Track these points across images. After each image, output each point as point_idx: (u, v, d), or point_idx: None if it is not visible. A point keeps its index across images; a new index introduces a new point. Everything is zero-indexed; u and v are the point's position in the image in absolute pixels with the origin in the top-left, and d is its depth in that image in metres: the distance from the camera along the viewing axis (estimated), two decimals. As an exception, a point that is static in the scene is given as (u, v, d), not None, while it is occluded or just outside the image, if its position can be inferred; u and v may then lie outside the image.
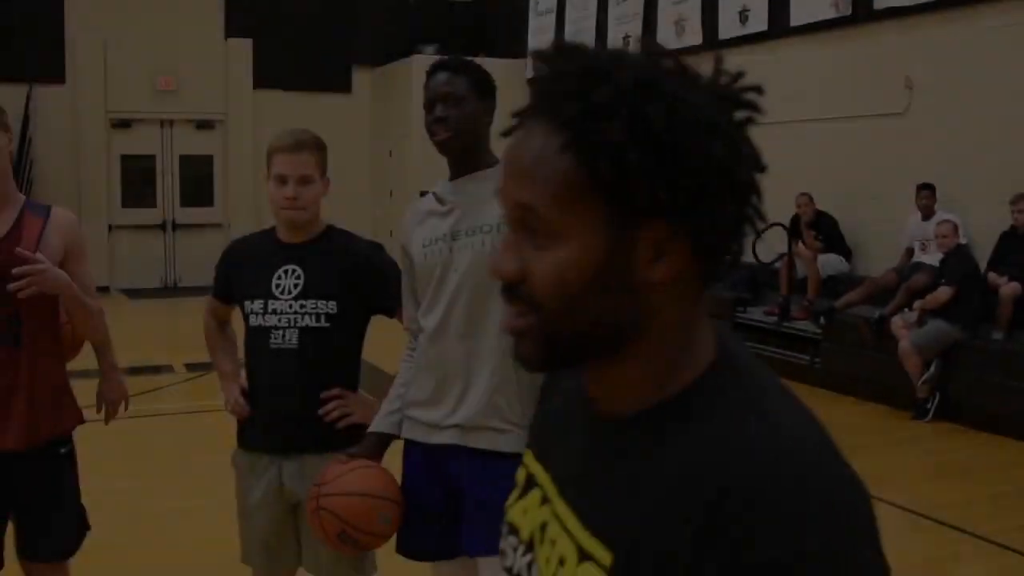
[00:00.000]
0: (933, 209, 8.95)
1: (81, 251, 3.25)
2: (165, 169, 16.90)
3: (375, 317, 3.27)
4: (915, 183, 9.03)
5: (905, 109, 9.48)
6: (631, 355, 1.02)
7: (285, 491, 3.17)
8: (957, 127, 8.97)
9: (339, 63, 17.54)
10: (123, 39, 15.96)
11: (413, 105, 15.20)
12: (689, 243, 0.97)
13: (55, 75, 15.72)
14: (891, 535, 1.30)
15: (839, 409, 8.09)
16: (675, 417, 1.00)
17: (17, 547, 3.22)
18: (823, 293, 9.74)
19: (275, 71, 16.89)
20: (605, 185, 0.95)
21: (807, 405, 1.01)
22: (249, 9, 16.73)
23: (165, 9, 16.19)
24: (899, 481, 6.36)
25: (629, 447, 1.03)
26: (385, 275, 3.18)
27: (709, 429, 0.96)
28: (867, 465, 1.32)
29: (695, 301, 1.03)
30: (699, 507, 0.91)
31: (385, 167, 17.35)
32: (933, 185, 8.95)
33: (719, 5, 11.68)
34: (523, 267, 1.00)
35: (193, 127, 16.95)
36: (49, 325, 3.19)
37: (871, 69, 9.77)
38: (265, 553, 3.27)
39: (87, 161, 15.98)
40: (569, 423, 1.15)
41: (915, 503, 5.88)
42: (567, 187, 0.96)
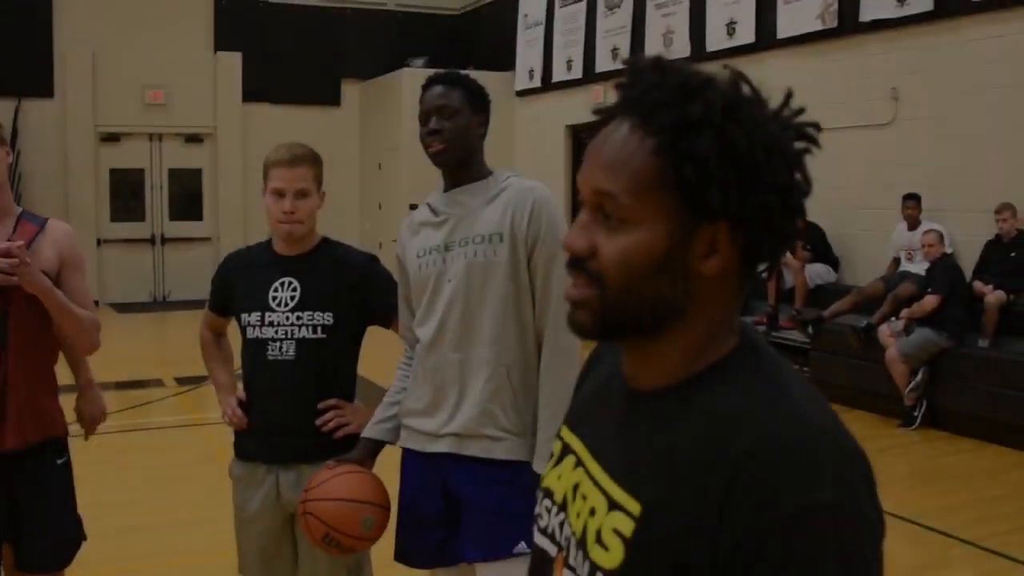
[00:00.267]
0: (919, 219, 9.02)
1: (76, 263, 3.23)
2: (154, 183, 16.87)
3: (370, 330, 3.30)
4: (901, 193, 9.11)
5: (891, 120, 9.56)
6: (671, 335, 1.16)
7: (282, 501, 3.20)
8: (942, 138, 9.05)
9: (328, 76, 17.58)
10: (112, 53, 15.97)
11: (402, 118, 15.26)
12: (740, 246, 1.13)
13: (44, 89, 15.72)
14: None
15: (828, 418, 8.10)
16: (702, 388, 1.14)
17: (13, 559, 3.19)
18: (811, 303, 9.80)
19: (264, 84, 16.91)
20: (685, 186, 1.10)
21: (812, 386, 1.16)
22: (238, 23, 16.76)
23: (154, 23, 16.22)
24: (887, 488, 6.30)
25: (660, 414, 1.16)
26: (380, 286, 3.22)
27: (733, 398, 1.11)
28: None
29: (734, 295, 1.18)
30: (724, 466, 1.05)
31: (374, 180, 17.38)
32: (919, 195, 9.02)
33: (707, 17, 11.75)
34: (593, 245, 1.15)
35: (182, 141, 16.94)
36: (38, 327, 3.13)
37: (858, 81, 9.85)
38: (262, 563, 3.29)
39: (76, 175, 15.96)
40: (605, 398, 1.28)
41: (903, 509, 5.92)
42: (649, 183, 1.12)
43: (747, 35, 11.13)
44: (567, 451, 1.30)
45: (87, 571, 3.60)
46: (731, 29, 11.36)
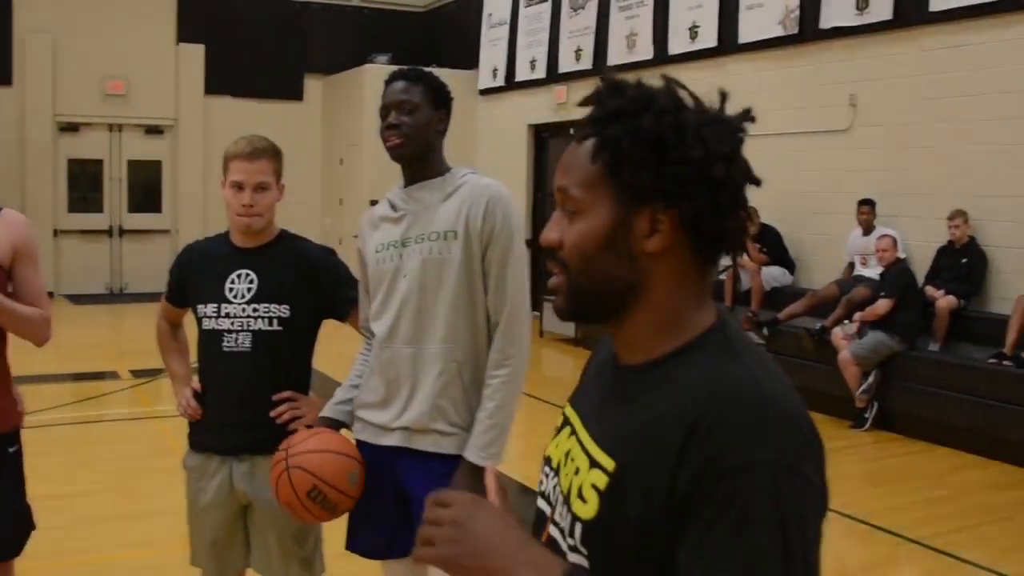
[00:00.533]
0: (873, 224, 9.14)
1: (31, 254, 3.16)
2: (113, 174, 16.74)
3: (326, 324, 3.32)
4: (856, 199, 9.24)
5: (849, 127, 9.67)
6: (638, 313, 1.32)
7: (236, 492, 3.21)
8: (898, 145, 9.17)
9: (291, 71, 17.51)
10: (73, 41, 15.82)
11: (365, 114, 15.22)
12: (676, 223, 1.27)
13: (2, 76, 15.56)
14: (829, 540, 1.43)
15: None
16: (676, 363, 1.29)
17: None
18: (766, 305, 9.90)
19: (227, 78, 16.82)
20: (613, 173, 1.27)
21: (784, 375, 1.29)
22: (201, 15, 16.65)
23: (117, 12, 16.09)
24: (838, 488, 6.36)
25: (638, 386, 1.31)
26: (337, 279, 3.24)
27: (697, 371, 1.25)
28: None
29: (691, 275, 1.31)
30: (683, 426, 1.19)
31: (336, 175, 17.33)
32: (873, 201, 9.15)
33: (670, 21, 11.82)
34: (560, 237, 1.33)
35: (142, 132, 16.82)
36: None
37: (817, 87, 9.96)
38: (214, 554, 3.29)
39: (33, 164, 15.81)
40: (601, 375, 1.45)
41: (853, 509, 6.01)
42: (592, 175, 1.29)
43: (709, 39, 11.21)
44: (566, 423, 1.45)
45: (41, 563, 3.58)
46: (694, 33, 11.44)
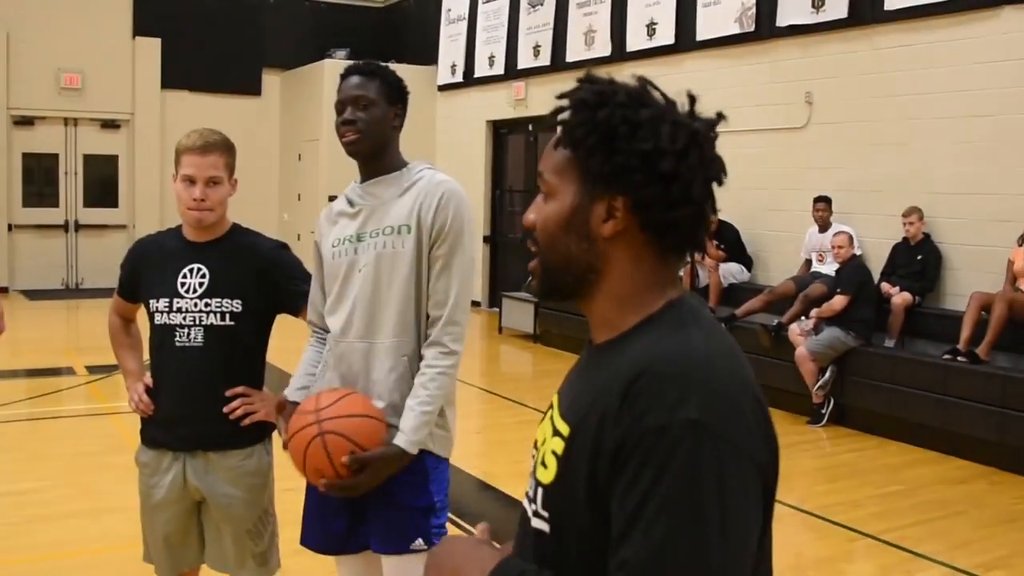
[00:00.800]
0: (829, 221, 9.22)
1: None
2: (68, 168, 16.56)
3: (279, 318, 3.29)
4: (813, 195, 9.31)
5: (805, 124, 9.75)
6: (599, 293, 1.42)
7: (189, 488, 3.19)
8: (853, 143, 9.26)
9: (249, 65, 17.39)
10: (27, 33, 15.61)
11: (323, 109, 15.16)
12: (629, 211, 1.36)
13: (-46, 70, 15.33)
14: (786, 535, 1.42)
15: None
16: (630, 337, 1.38)
17: None
18: (724, 301, 9.95)
19: (183, 72, 16.66)
20: (577, 161, 1.39)
21: (735, 345, 1.39)
22: (158, 8, 16.48)
23: (72, 4, 15.90)
24: (794, 483, 6.54)
25: (600, 360, 1.41)
26: (290, 274, 3.22)
27: (646, 340, 1.35)
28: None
29: (648, 260, 1.40)
30: (621, 389, 1.28)
31: (293, 171, 17.24)
32: (829, 198, 9.22)
33: (627, 18, 11.87)
34: (535, 218, 1.45)
35: (98, 126, 16.64)
36: None
37: (773, 84, 10.03)
38: (167, 551, 3.27)
39: (-14, 158, 15.59)
40: (581, 359, 1.54)
41: (809, 504, 6.06)
42: (562, 162, 1.42)
43: (667, 36, 11.26)
44: (550, 407, 1.53)
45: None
46: (651, 30, 11.48)
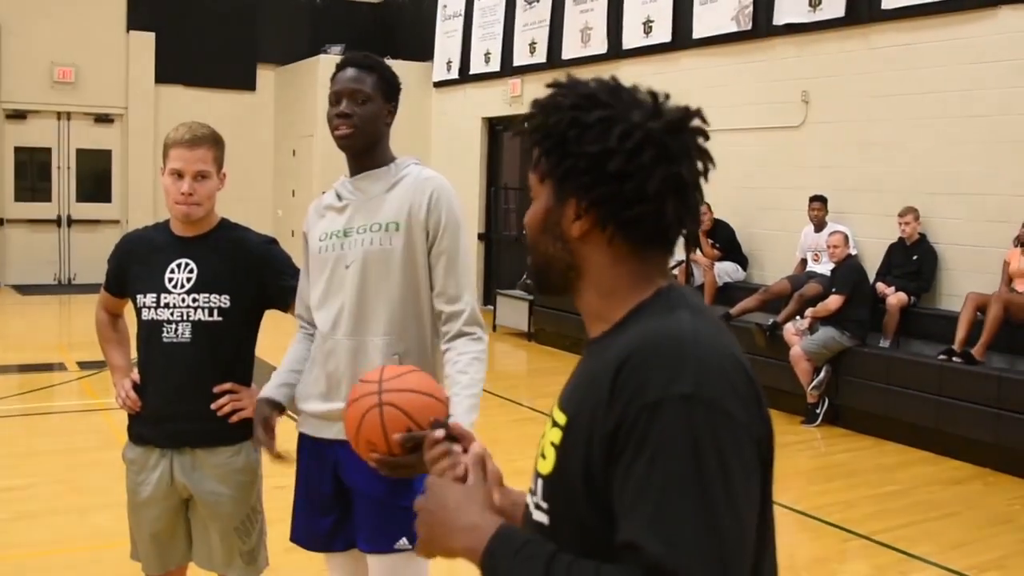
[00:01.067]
0: (825, 220, 9.20)
1: None
2: (61, 163, 16.49)
3: (270, 313, 3.25)
4: (809, 195, 9.28)
5: (801, 123, 9.72)
6: (584, 289, 1.48)
7: (177, 485, 3.15)
8: (850, 142, 9.23)
9: (243, 60, 17.33)
10: (20, 27, 15.55)
11: (318, 105, 15.09)
12: (589, 212, 1.41)
13: (-53, 63, 15.26)
14: (780, 535, 1.39)
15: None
16: (619, 329, 1.41)
17: None
18: (719, 300, 9.93)
19: (178, 66, 16.60)
20: (546, 169, 1.44)
21: (723, 325, 1.42)
22: (152, 2, 16.42)
23: (65, -2, 15.84)
24: (788, 483, 6.52)
25: (594, 352, 1.43)
26: (278, 269, 3.18)
27: (633, 328, 1.37)
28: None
29: (624, 256, 1.43)
30: (612, 373, 1.30)
31: (288, 166, 17.19)
32: (825, 197, 9.20)
33: (624, 16, 11.83)
34: (525, 218, 1.51)
35: (91, 121, 16.57)
36: None
37: (769, 83, 10.00)
38: (154, 548, 3.23)
39: (-21, 153, 15.52)
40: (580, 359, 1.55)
41: (803, 504, 6.04)
42: (536, 166, 1.47)
43: (663, 34, 11.23)
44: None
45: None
46: (648, 28, 11.45)
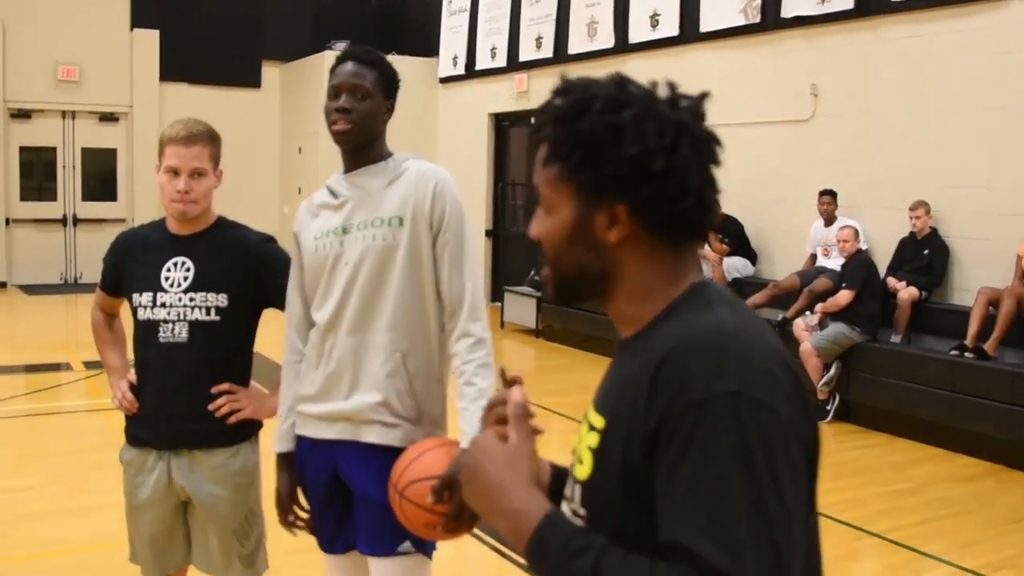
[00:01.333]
0: (834, 215, 9.13)
1: None
2: (66, 162, 16.49)
3: (270, 311, 3.19)
4: (818, 189, 9.21)
5: (810, 116, 9.65)
6: (617, 294, 1.43)
7: (174, 488, 3.10)
8: (859, 135, 9.16)
9: (248, 58, 17.30)
10: (24, 25, 15.54)
11: (323, 102, 15.04)
12: (630, 215, 1.36)
13: (-49, 62, 15.24)
14: None
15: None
16: (657, 327, 1.38)
17: None
18: (728, 296, 9.85)
19: (182, 64, 16.59)
20: (568, 175, 1.38)
21: (763, 321, 1.40)
22: (156, -1, 16.40)
23: (69, -4, 15.81)
24: None
25: (628, 353, 1.41)
26: (276, 268, 3.10)
27: (670, 325, 1.35)
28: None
29: (661, 256, 1.40)
30: (651, 373, 1.28)
31: (294, 164, 17.16)
32: (834, 191, 9.12)
33: (631, 9, 11.76)
34: (539, 231, 1.46)
35: (96, 119, 16.56)
36: None
37: (778, 76, 9.93)
38: (153, 551, 3.19)
39: (-16, 152, 15.49)
40: (612, 360, 1.53)
41: (813, 502, 5.97)
42: (551, 175, 1.41)
43: (671, 28, 11.16)
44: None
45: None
46: (655, 21, 11.37)
